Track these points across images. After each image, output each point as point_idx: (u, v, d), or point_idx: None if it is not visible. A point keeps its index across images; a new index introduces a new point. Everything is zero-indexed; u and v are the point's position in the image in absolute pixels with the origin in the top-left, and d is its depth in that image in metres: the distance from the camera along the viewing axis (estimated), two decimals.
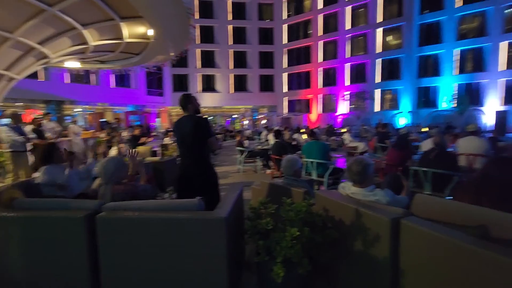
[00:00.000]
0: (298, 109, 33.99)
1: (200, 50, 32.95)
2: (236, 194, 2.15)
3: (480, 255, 1.12)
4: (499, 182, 1.57)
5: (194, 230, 1.69)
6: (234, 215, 1.89)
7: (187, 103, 2.67)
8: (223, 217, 1.64)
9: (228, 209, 1.75)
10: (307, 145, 4.65)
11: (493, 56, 23.50)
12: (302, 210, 1.60)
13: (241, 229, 2.12)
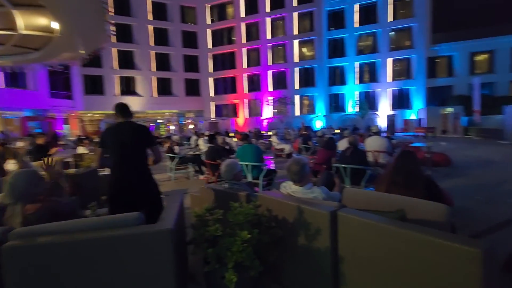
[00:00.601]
0: (225, 114, 34.33)
1: (117, 50, 29.97)
2: (178, 202, 2.04)
3: (400, 233, 1.37)
4: (405, 171, 1.95)
5: (137, 247, 1.52)
6: (179, 225, 1.79)
7: (128, 111, 2.46)
8: (169, 229, 1.53)
9: (173, 219, 1.64)
10: (241, 149, 4.75)
11: (382, 69, 28.61)
12: (250, 213, 1.62)
13: (185, 240, 2.02)
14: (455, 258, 1.18)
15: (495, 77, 25.76)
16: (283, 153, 10.78)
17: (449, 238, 1.24)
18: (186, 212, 3.15)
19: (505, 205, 4.02)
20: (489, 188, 5.09)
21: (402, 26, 27.89)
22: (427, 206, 1.61)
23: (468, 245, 1.16)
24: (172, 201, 2.07)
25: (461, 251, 1.16)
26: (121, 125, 2.40)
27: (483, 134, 17.81)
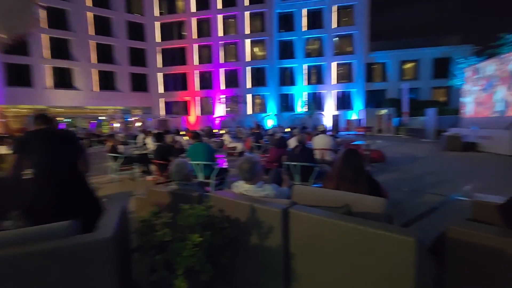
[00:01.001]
0: (176, 111, 33.00)
1: (49, 37, 26.49)
2: (120, 207, 1.85)
3: (346, 226, 1.45)
4: (352, 167, 2.09)
5: (70, 261, 1.33)
6: (121, 232, 1.63)
7: (50, 118, 2.27)
8: (107, 238, 1.38)
9: (113, 226, 1.48)
10: (192, 147, 4.58)
11: (327, 72, 30.60)
12: (202, 214, 1.55)
13: (129, 248, 1.85)
14: (394, 246, 1.30)
15: (420, 84, 29.53)
16: (235, 152, 10.77)
17: (388, 228, 1.36)
18: (131, 217, 2.93)
19: (429, 195, 4.62)
20: (416, 180, 5.80)
21: (344, 33, 30.17)
22: (368, 200, 1.75)
23: (404, 234, 1.28)
24: (113, 206, 1.88)
25: (398, 240, 1.28)
26: (44, 131, 2.19)
27: (410, 133, 20.30)
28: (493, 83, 10.84)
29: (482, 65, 11.83)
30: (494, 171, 6.79)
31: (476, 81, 12.07)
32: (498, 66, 10.56)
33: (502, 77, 10.26)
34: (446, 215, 3.65)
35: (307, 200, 1.94)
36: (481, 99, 11.59)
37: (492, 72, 10.88)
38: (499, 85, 10.40)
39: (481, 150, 10.03)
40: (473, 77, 12.31)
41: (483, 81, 11.49)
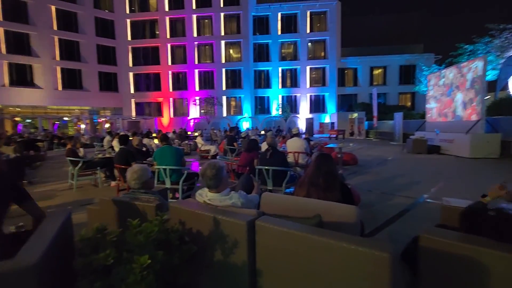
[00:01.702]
0: (148, 112, 31.83)
1: (3, 30, 24.38)
2: (59, 223, 1.57)
3: (317, 240, 1.31)
4: (324, 173, 1.98)
5: None
6: (55, 256, 1.37)
7: None
8: (30, 265, 1.11)
9: (41, 250, 1.21)
10: (159, 151, 4.28)
11: (302, 76, 31.16)
12: (153, 231, 1.34)
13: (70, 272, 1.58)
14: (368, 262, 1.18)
15: (388, 89, 30.99)
16: (208, 155, 10.48)
17: (361, 243, 1.23)
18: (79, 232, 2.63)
19: (398, 197, 4.70)
20: (386, 182, 5.92)
21: (317, 38, 30.95)
22: (340, 209, 1.63)
23: (378, 249, 1.16)
24: (49, 221, 1.59)
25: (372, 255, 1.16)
26: None
27: (380, 136, 21.15)
28: (452, 90, 11.55)
29: (443, 73, 12.58)
30: (457, 173, 7.15)
31: (438, 88, 12.80)
32: (456, 74, 11.27)
33: (460, 85, 10.95)
34: (416, 218, 3.70)
35: (276, 209, 1.79)
36: (443, 104, 12.30)
37: (452, 80, 11.60)
38: (458, 92, 11.09)
39: (444, 153, 10.60)
40: (435, 83, 13.06)
41: (444, 87, 12.21)
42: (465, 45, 18.47)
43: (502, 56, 16.29)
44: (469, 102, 10.38)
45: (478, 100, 9.75)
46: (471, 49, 18.17)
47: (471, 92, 10.25)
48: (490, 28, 16.89)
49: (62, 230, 1.54)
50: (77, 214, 4.11)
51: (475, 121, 9.72)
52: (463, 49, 18.59)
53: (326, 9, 30.35)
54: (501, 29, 16.51)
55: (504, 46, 16.67)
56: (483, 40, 17.46)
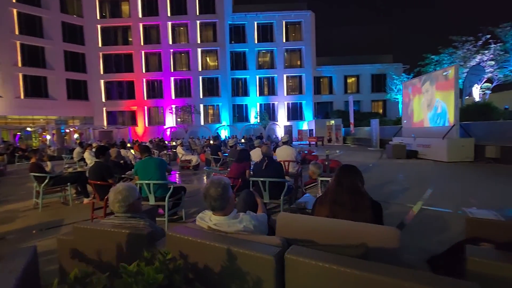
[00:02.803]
0: (121, 122, 30.38)
1: None
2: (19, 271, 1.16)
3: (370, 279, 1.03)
4: (349, 190, 1.71)
5: None
6: None
7: None
8: None
9: None
10: (141, 164, 3.84)
11: (280, 84, 31.49)
12: (157, 280, 0.99)
13: None
14: None
15: (361, 97, 32.13)
16: (190, 165, 9.99)
17: (438, 282, 0.98)
18: (46, 270, 2.21)
19: (395, 205, 4.60)
20: (378, 190, 5.86)
21: (293, 47, 31.56)
22: (379, 231, 1.37)
23: None
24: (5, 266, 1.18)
25: None
26: None
27: (357, 142, 21.67)
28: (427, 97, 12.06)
29: (417, 80, 13.15)
30: (441, 178, 7.30)
31: (410, 94, 13.34)
32: (430, 82, 11.80)
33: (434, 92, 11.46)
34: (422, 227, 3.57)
35: (297, 233, 1.51)
36: (419, 111, 12.81)
37: (426, 87, 12.12)
38: (433, 99, 11.59)
39: (422, 157, 10.94)
40: (410, 91, 13.61)
41: (419, 94, 12.74)
42: (431, 55, 19.63)
43: (465, 65, 17.44)
44: (443, 108, 10.85)
45: (452, 107, 10.19)
46: (437, 59, 19.34)
47: (445, 98, 10.72)
48: (454, 40, 18.11)
49: (24, 277, 1.13)
50: (44, 240, 3.55)
51: (450, 126, 10.13)
52: (429, 59, 19.74)
53: (300, 19, 31.12)
54: (463, 41, 17.75)
55: (466, 56, 17.90)
56: (447, 50, 18.66)
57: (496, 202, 4.65)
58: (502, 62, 16.38)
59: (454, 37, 18.07)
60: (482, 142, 9.55)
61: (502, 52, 16.19)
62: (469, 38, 17.53)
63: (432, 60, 19.55)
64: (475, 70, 14.80)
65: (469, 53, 17.70)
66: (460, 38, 17.80)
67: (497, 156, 8.91)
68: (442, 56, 19.00)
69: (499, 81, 17.51)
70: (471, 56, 17.61)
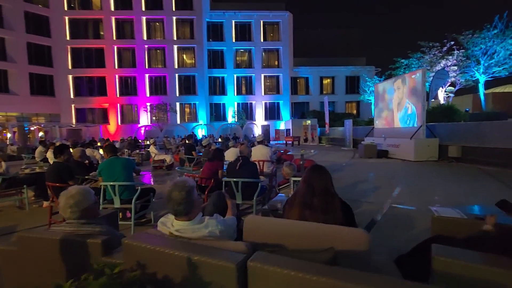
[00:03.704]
0: (91, 119, 28.86)
1: None
2: None
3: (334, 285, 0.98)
4: (320, 191, 1.66)
5: None
6: None
7: None
8: None
9: None
10: (106, 164, 3.59)
11: (257, 83, 31.51)
12: None
13: None
14: None
15: (336, 98, 33.02)
16: (163, 165, 9.66)
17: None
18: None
19: (365, 204, 4.71)
20: (350, 189, 5.99)
21: (271, 47, 31.73)
22: (349, 234, 1.33)
23: None
24: None
25: None
26: None
27: (332, 142, 22.24)
28: (397, 99, 12.60)
29: (388, 83, 13.70)
30: (409, 176, 7.63)
31: (384, 96, 13.89)
32: (400, 84, 12.34)
33: (403, 94, 12.00)
34: (390, 225, 3.66)
35: (265, 236, 1.44)
36: (389, 112, 13.35)
37: (396, 89, 12.66)
38: (402, 100, 12.13)
39: (392, 157, 11.41)
40: (382, 92, 14.15)
41: (389, 96, 13.27)
42: (401, 59, 20.57)
43: (432, 70, 18.44)
44: (411, 110, 11.38)
45: (420, 108, 10.71)
46: (406, 63, 20.30)
47: (413, 101, 11.25)
48: (422, 45, 19.10)
49: None
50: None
51: (418, 127, 10.64)
52: (399, 62, 20.67)
53: (278, 20, 31.33)
54: (430, 47, 18.77)
55: (433, 61, 18.94)
56: (416, 55, 19.64)
57: (458, 200, 4.91)
58: (464, 68, 17.50)
59: (422, 43, 19.04)
60: (446, 142, 10.14)
61: (464, 58, 17.30)
62: (436, 44, 18.55)
63: (402, 64, 20.48)
64: (440, 74, 15.67)
65: (435, 58, 18.73)
66: (428, 44, 18.79)
67: (458, 156, 9.50)
68: (411, 61, 19.96)
69: (461, 85, 18.72)
70: (437, 61, 18.65)
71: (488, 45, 15.11)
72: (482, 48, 15.40)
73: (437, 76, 15.91)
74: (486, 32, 14.96)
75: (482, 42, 15.28)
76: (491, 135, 8.86)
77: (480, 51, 15.53)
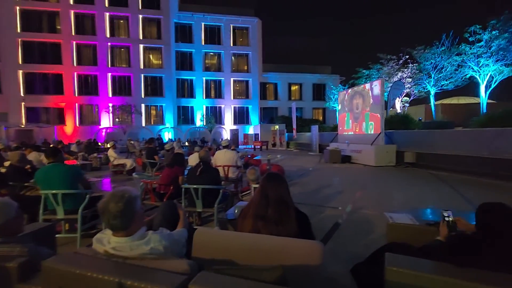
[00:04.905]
0: (45, 120, 26.44)
1: None
2: None
3: None
4: (274, 201, 1.57)
5: None
6: None
7: None
8: None
9: None
10: (41, 172, 3.17)
11: (227, 87, 31.35)
12: None
13: None
14: None
15: (303, 104, 34.00)
16: (123, 170, 9.07)
17: None
18: None
19: (328, 209, 4.77)
20: (314, 194, 6.06)
21: (240, 52, 31.84)
22: (301, 247, 1.26)
23: None
24: None
25: None
26: None
27: (299, 147, 22.73)
28: (357, 107, 13.24)
29: (350, 91, 14.36)
30: (369, 181, 7.96)
31: (346, 104, 14.52)
32: (361, 93, 12.99)
33: (364, 102, 12.64)
34: (350, 231, 3.72)
35: (215, 252, 1.32)
36: (351, 119, 13.97)
37: (357, 98, 13.31)
38: (362, 108, 12.76)
39: (355, 162, 11.90)
40: (345, 100, 14.78)
41: (351, 104, 13.91)
42: (363, 69, 21.78)
43: (389, 80, 19.74)
44: (371, 117, 12.00)
45: (378, 116, 11.33)
46: (367, 73, 21.53)
47: (373, 109, 11.88)
48: (381, 57, 20.40)
49: None
50: None
51: (377, 134, 11.23)
52: (361, 72, 21.88)
53: (248, 25, 31.58)
54: (388, 59, 20.12)
55: (390, 72, 20.30)
56: (376, 66, 20.93)
57: (412, 203, 5.19)
58: (417, 80, 19.00)
59: (381, 55, 20.36)
60: (402, 149, 10.82)
61: (417, 71, 18.78)
62: (393, 57, 19.93)
63: (364, 74, 21.69)
64: (397, 85, 16.81)
65: (392, 70, 20.11)
66: (386, 56, 20.12)
67: (413, 161, 10.18)
68: (371, 71, 21.22)
69: (415, 96, 20.29)
70: (394, 72, 20.04)
71: (437, 60, 16.57)
72: (432, 63, 16.85)
73: (394, 87, 17.02)
74: (435, 49, 16.40)
75: (432, 57, 16.72)
76: (440, 142, 9.63)
77: (431, 65, 16.97)
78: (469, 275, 1.20)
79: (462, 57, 15.20)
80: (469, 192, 5.93)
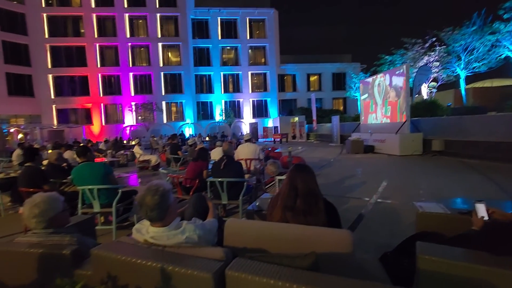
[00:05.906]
0: (74, 120, 27.95)
1: None
2: None
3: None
4: (303, 192, 1.59)
5: None
6: None
7: None
8: None
9: None
10: (75, 172, 3.42)
11: (244, 81, 31.35)
12: None
13: None
14: None
15: (323, 94, 33.30)
16: (149, 165, 9.44)
17: None
18: None
19: (353, 200, 4.72)
20: (337, 185, 6.00)
21: (257, 45, 31.59)
22: (331, 236, 1.29)
23: None
24: None
25: None
26: None
27: (320, 138, 22.41)
28: (382, 95, 12.78)
29: (373, 79, 13.87)
30: (394, 171, 7.74)
31: (370, 92, 14.07)
32: (384, 80, 12.51)
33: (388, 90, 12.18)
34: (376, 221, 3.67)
35: (246, 241, 1.37)
36: (375, 107, 13.53)
37: (381, 85, 12.84)
38: (387, 96, 12.31)
39: (378, 152, 11.57)
40: (367, 89, 14.32)
41: (375, 92, 13.45)
42: (385, 55, 20.89)
43: (415, 66, 18.81)
44: (396, 105, 11.56)
45: (404, 103, 10.89)
46: (390, 59, 20.62)
47: (398, 96, 11.43)
48: (405, 42, 19.44)
49: None
50: None
51: (402, 122, 10.82)
52: (384, 59, 20.99)
53: (264, 17, 31.20)
54: (413, 43, 19.13)
55: (415, 57, 19.32)
56: (399, 52, 19.98)
57: (442, 193, 5.00)
58: (445, 63, 17.94)
59: (405, 39, 19.38)
60: (429, 137, 10.36)
61: (445, 54, 17.73)
62: (418, 41, 18.92)
63: (386, 60, 20.80)
64: (423, 70, 16.01)
65: (418, 55, 19.12)
66: (410, 41, 19.14)
67: (441, 149, 9.73)
68: (394, 57, 20.30)
69: (443, 81, 19.21)
70: (420, 57, 19.05)
71: (467, 41, 15.52)
72: (462, 45, 15.81)
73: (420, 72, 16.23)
74: (466, 29, 15.35)
75: (462, 38, 15.68)
76: (471, 128, 9.11)
77: (461, 47, 15.93)
78: (506, 263, 1.17)
79: (496, 36, 14.14)
80: (503, 180, 5.61)
